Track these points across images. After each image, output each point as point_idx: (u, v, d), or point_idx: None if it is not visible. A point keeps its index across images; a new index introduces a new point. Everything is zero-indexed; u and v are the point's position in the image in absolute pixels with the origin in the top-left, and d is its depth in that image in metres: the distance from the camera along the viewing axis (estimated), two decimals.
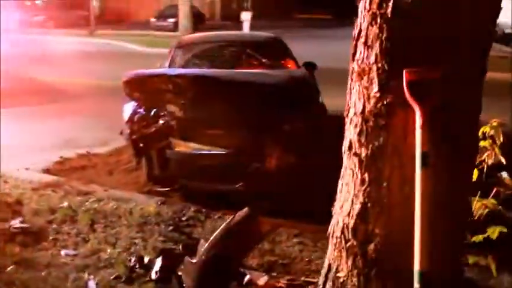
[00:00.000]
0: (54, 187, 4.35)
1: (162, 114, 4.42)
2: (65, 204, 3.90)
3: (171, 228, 3.50)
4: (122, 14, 30.66)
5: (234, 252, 2.37)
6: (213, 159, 4.12)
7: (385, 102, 1.77)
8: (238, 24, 20.44)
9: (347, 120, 1.97)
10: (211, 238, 2.41)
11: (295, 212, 3.91)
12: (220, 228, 2.41)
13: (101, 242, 3.29)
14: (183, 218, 3.71)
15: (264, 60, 5.35)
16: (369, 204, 1.87)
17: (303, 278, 2.74)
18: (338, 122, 5.13)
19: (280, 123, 4.14)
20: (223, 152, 4.07)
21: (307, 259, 3.13)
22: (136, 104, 4.56)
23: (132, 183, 4.82)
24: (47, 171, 5.12)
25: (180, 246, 3.06)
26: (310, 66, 5.58)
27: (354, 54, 1.89)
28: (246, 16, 18.53)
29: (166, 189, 4.51)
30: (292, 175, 4.04)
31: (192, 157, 4.20)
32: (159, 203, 3.99)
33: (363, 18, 1.84)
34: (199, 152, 4.15)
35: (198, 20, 21.35)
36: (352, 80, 1.91)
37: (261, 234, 2.45)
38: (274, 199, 4.00)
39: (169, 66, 5.42)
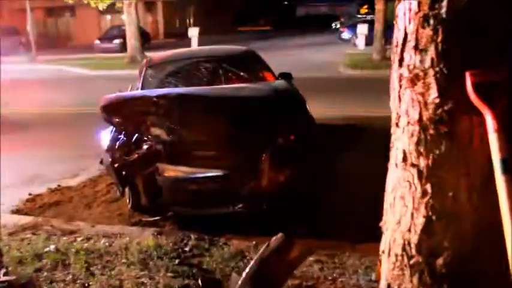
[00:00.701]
0: (33, 229, 3.97)
1: (146, 138, 4.17)
2: (51, 247, 3.54)
3: (177, 261, 3.25)
4: (61, 38, 29.60)
5: (271, 284, 2.18)
6: (208, 181, 3.90)
7: (446, 108, 1.67)
8: (184, 41, 20.27)
9: (395, 130, 1.86)
10: (246, 271, 2.20)
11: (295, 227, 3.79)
12: (255, 259, 2.21)
13: (104, 286, 2.99)
14: (186, 249, 3.47)
15: (242, 74, 5.21)
16: (433, 217, 1.76)
17: None
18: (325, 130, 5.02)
19: (273, 137, 4.01)
20: (219, 174, 3.86)
21: (330, 278, 3.01)
22: (116, 129, 4.27)
23: (116, 216, 4.51)
24: (17, 211, 4.70)
25: (200, 282, 2.82)
26: (286, 76, 5.50)
27: (401, 59, 1.78)
28: (193, 32, 18.35)
29: (157, 218, 4.25)
30: (291, 189, 3.91)
31: (185, 182, 3.96)
32: (155, 234, 3.72)
33: (408, 21, 1.74)
34: (193, 176, 3.92)
35: (144, 39, 20.92)
36: (401, 86, 1.80)
37: (297, 260, 2.28)
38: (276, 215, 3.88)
39: (143, 87, 5.15)
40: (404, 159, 1.82)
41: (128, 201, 4.50)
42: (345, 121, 7.68)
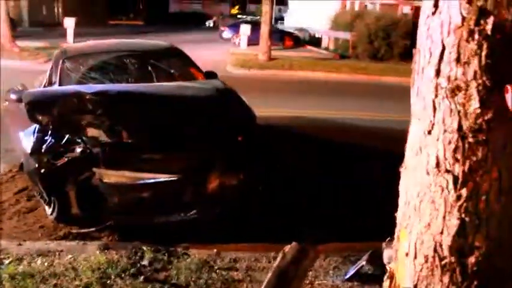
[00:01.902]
0: None
1: (79, 140, 3.73)
2: None
3: (141, 278, 2.97)
4: None
5: None
6: (157, 187, 3.63)
7: (485, 118, 1.79)
8: (54, 31, 18.51)
9: (426, 137, 1.94)
10: (264, 285, 2.11)
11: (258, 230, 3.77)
12: (273, 271, 2.12)
13: None
14: (144, 262, 3.19)
15: (172, 71, 4.94)
16: (466, 219, 1.88)
17: None
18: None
19: (224, 138, 3.89)
20: (169, 178, 3.62)
21: (307, 281, 3.01)
22: (40, 130, 3.75)
23: (37, 229, 3.97)
24: None
25: None
26: (212, 76, 5.39)
27: (438, 70, 1.87)
28: (69, 22, 16.88)
29: (91, 229, 3.82)
30: (244, 191, 3.84)
31: (130, 188, 3.63)
32: (101, 248, 3.34)
33: (447, 34, 1.83)
34: (140, 182, 3.61)
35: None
36: (436, 96, 1.89)
37: (309, 265, 2.24)
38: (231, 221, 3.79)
39: (61, 81, 4.58)
40: (438, 165, 1.91)
41: (48, 211, 3.98)
42: None
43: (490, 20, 1.74)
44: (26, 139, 3.83)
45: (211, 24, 38.51)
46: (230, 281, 2.95)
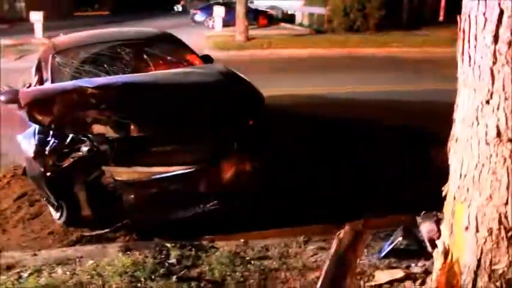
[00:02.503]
0: None
1: (84, 139, 3.54)
2: None
3: (174, 278, 2.83)
4: None
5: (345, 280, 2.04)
6: (174, 181, 3.48)
7: None
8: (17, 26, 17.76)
9: (484, 107, 1.86)
10: (325, 271, 2.01)
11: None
12: (331, 258, 2.03)
13: None
14: (172, 261, 3.05)
15: (169, 58, 4.74)
16: None
17: None
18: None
19: (234, 123, 3.75)
20: (186, 171, 3.47)
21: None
22: (41, 131, 3.54)
23: (46, 235, 3.79)
24: None
25: None
26: (208, 59, 5.21)
27: (496, 36, 1.78)
28: (36, 16, 16.21)
29: (105, 230, 3.66)
30: (260, 176, 3.73)
31: (146, 184, 3.47)
32: (123, 250, 3.20)
33: None
34: (156, 177, 3.46)
35: None
36: (494, 63, 1.80)
37: (362, 250, 2.17)
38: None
39: (53, 77, 4.33)
40: (499, 135, 1.83)
41: (56, 215, 3.79)
42: None
43: None
44: (26, 142, 3.62)
45: (180, 9, 37.73)
46: (267, 271, 2.86)
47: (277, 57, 13.79)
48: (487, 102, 1.85)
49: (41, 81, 4.40)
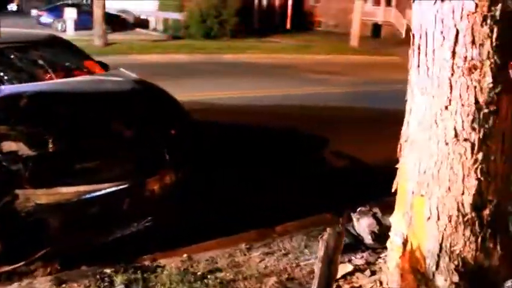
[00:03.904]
0: None
1: None
2: None
3: None
4: None
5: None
6: (104, 199, 3.21)
7: (496, 91, 2.09)
8: None
9: (443, 112, 2.17)
10: (319, 277, 2.11)
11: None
12: (322, 262, 2.13)
13: None
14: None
15: (68, 64, 4.29)
16: (482, 179, 2.18)
17: None
18: None
19: (157, 133, 3.62)
20: (117, 187, 3.23)
21: (294, 265, 3.08)
22: None
23: None
24: None
25: None
26: (104, 66, 4.88)
27: (454, 52, 2.09)
28: None
29: (18, 264, 3.20)
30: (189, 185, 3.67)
31: (73, 206, 3.13)
32: (57, 284, 2.84)
33: (459, 19, 2.06)
34: (84, 197, 3.14)
35: None
36: (452, 75, 2.12)
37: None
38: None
39: None
40: (456, 135, 2.16)
41: None
42: None
43: (499, 7, 2.01)
44: None
45: (15, 8, 33.92)
46: (225, 283, 2.84)
47: (141, 63, 13.38)
48: (446, 107, 2.17)
49: None
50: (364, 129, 7.05)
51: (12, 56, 3.98)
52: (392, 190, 2.59)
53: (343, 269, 2.94)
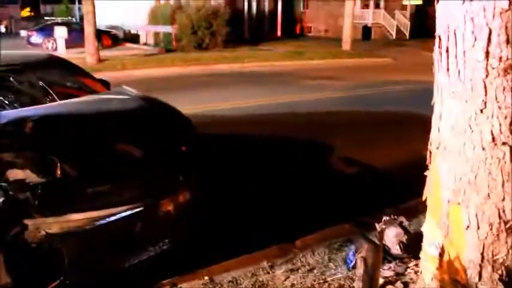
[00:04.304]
0: None
1: None
2: None
3: None
4: None
5: None
6: (121, 223, 3.07)
7: None
8: None
9: (479, 116, 2.07)
10: None
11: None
12: (363, 280, 2.02)
13: None
14: None
15: (70, 84, 4.17)
16: None
17: None
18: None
19: (170, 152, 3.50)
20: (133, 211, 3.09)
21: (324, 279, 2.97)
22: None
23: None
24: None
25: None
26: (105, 84, 4.76)
27: (488, 52, 1.99)
28: None
29: None
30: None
31: (88, 233, 2.98)
32: None
33: (492, 18, 1.96)
34: (99, 223, 3.00)
35: None
36: (487, 76, 2.02)
37: None
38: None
39: None
40: (493, 139, 2.06)
41: None
42: None
43: None
44: None
45: (3, 30, 33.76)
46: None
47: (136, 79, 13.26)
48: (481, 111, 2.07)
49: None
50: (367, 134, 6.97)
51: (12, 79, 3.85)
52: (423, 199, 2.49)
53: None
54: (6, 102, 3.69)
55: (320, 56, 18.09)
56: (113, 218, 3.05)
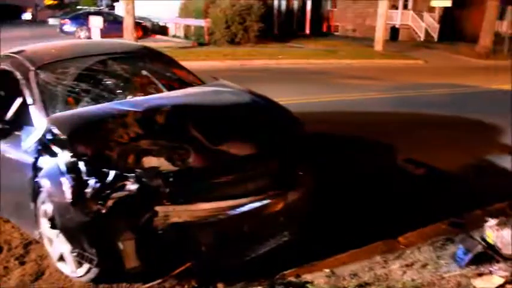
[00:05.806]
0: None
1: (126, 175, 2.98)
2: None
3: None
4: None
5: None
6: (250, 214, 3.12)
7: None
8: None
9: None
10: None
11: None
12: None
13: None
14: None
15: (171, 75, 4.25)
16: None
17: None
18: None
19: (283, 143, 3.55)
20: (260, 202, 3.15)
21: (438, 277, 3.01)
22: (73, 169, 2.90)
23: None
24: None
25: None
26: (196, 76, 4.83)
27: None
28: None
29: (155, 283, 3.13)
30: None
31: (220, 222, 3.03)
32: None
33: None
34: (230, 212, 3.05)
35: None
36: None
37: None
38: None
39: (44, 100, 3.49)
40: None
41: (81, 271, 3.13)
42: None
43: None
44: (53, 184, 2.92)
45: (29, 17, 34.13)
46: None
47: None
48: None
49: (25, 105, 3.56)
50: (422, 135, 6.99)
51: (117, 68, 3.92)
52: None
53: (492, 280, 2.86)
54: (119, 90, 3.78)
55: (352, 56, 18.07)
56: (239, 209, 3.12)
